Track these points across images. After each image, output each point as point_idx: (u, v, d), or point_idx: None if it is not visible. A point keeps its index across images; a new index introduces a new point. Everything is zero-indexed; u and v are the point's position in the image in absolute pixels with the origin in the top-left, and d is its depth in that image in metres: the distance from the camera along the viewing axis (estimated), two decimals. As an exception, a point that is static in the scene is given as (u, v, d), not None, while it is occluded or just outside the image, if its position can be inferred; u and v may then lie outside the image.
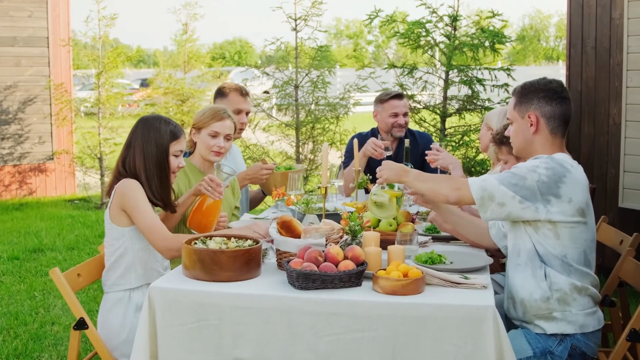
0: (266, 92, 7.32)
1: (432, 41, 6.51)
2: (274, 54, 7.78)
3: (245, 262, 2.65)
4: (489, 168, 6.36)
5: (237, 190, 3.93)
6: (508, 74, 6.35)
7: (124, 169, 3.05)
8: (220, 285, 2.59)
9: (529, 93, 2.82)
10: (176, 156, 3.12)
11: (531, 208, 2.63)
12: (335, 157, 7.45)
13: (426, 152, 4.17)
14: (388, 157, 4.46)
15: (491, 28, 6.38)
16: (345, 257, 2.63)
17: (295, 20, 7.17)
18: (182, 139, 3.13)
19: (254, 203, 4.60)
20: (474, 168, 6.29)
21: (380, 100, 4.74)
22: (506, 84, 6.41)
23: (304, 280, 2.53)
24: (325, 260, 2.60)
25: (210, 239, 2.81)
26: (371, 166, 4.56)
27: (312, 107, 7.25)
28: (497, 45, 6.33)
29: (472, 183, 2.70)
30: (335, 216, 3.59)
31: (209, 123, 3.68)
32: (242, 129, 4.35)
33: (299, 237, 2.79)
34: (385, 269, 2.60)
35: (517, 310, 2.79)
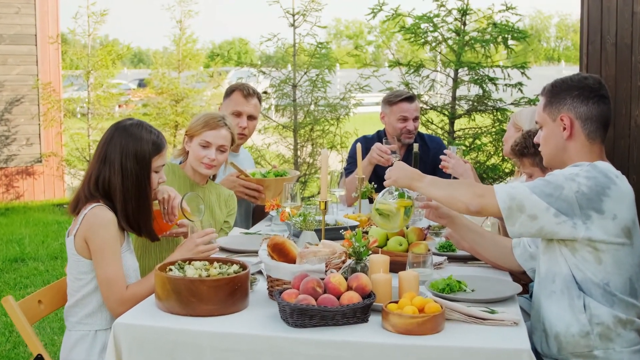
0: (265, 92, 6.88)
1: (440, 37, 6.08)
2: (273, 54, 7.39)
3: (229, 293, 2.23)
4: (501, 175, 5.94)
5: (230, 202, 3.46)
6: (522, 72, 5.92)
7: (96, 188, 2.57)
8: (199, 321, 2.17)
9: (560, 92, 2.39)
10: (157, 172, 2.66)
11: (568, 223, 2.22)
12: (335, 161, 7.02)
13: (441, 156, 3.73)
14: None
15: (504, 23, 5.94)
16: (349, 288, 2.20)
17: (293, 15, 6.77)
18: (165, 151, 2.68)
19: (259, 215, 4.07)
20: (485, 174, 5.86)
21: (389, 102, 4.30)
22: (520, 83, 5.98)
23: (299, 316, 2.10)
24: (325, 292, 2.18)
25: (189, 264, 2.39)
26: (378, 173, 4.13)
27: (312, 107, 6.82)
28: (510, 42, 5.89)
29: (499, 190, 2.29)
30: (335, 231, 3.16)
31: (200, 131, 3.26)
32: (242, 136, 3.85)
33: (294, 262, 2.36)
34: (396, 302, 2.18)
35: (550, 346, 2.36)
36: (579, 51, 5.56)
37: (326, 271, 2.29)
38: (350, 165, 4.26)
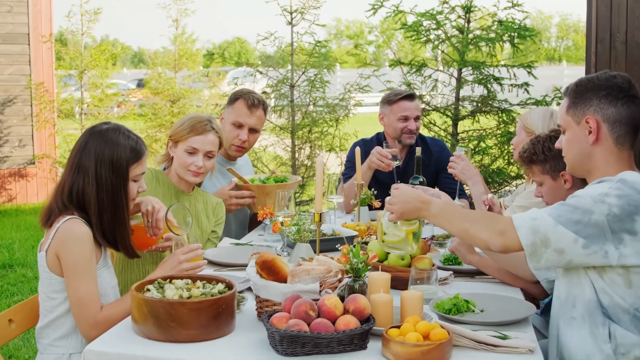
0: (264, 92, 6.65)
1: (443, 35, 5.84)
2: (273, 54, 7.15)
3: (213, 316, 2.01)
4: (507, 179, 5.71)
5: (217, 211, 3.23)
6: (529, 72, 5.68)
7: (70, 199, 2.34)
8: (179, 348, 1.96)
9: (586, 91, 2.15)
10: (136, 181, 2.44)
11: (599, 254, 1.99)
12: (334, 164, 6.80)
13: (451, 158, 3.50)
14: (397, 168, 3.80)
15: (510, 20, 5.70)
16: (346, 311, 1.98)
17: (291, 13, 6.54)
18: (144, 158, 2.45)
19: (256, 222, 3.80)
20: (490, 178, 5.63)
21: (388, 101, 4.06)
22: (526, 83, 5.74)
23: (290, 344, 1.88)
24: (318, 315, 1.96)
25: (170, 282, 2.17)
26: (377, 178, 3.91)
27: (310, 107, 6.59)
28: (517, 40, 5.65)
29: (520, 223, 2.05)
30: (332, 241, 2.95)
31: (186, 137, 3.04)
32: (240, 149, 3.57)
33: (285, 280, 2.14)
34: (398, 326, 1.96)
35: None
36: (580, 51, 5.37)
37: (320, 291, 2.07)
38: (349, 170, 4.03)
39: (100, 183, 2.32)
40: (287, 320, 1.93)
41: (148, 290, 2.10)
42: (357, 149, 3.51)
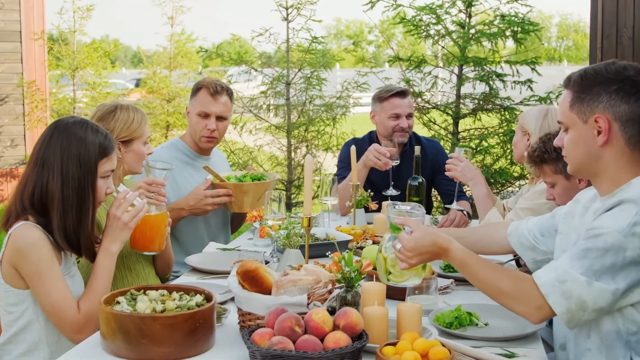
0: (263, 92, 6.46)
1: (443, 30, 5.64)
2: (274, 54, 6.95)
3: (189, 332, 1.82)
4: (510, 179, 5.51)
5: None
6: (532, 68, 5.48)
7: (31, 199, 2.14)
8: (151, 368, 1.76)
9: (594, 85, 1.88)
10: (104, 178, 2.24)
11: (637, 294, 1.77)
12: (332, 164, 6.60)
13: (448, 160, 3.32)
14: (392, 168, 3.59)
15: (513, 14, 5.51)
16: (336, 327, 1.79)
17: (287, 9, 6.34)
18: (114, 154, 2.26)
19: (237, 222, 3.61)
20: (493, 178, 5.43)
21: (379, 98, 3.86)
22: (530, 80, 5.55)
23: (273, 364, 1.69)
24: (305, 332, 1.76)
25: (144, 293, 1.97)
26: (372, 180, 3.72)
27: (307, 106, 6.39)
28: (520, 36, 5.45)
29: (548, 290, 1.78)
30: (324, 247, 2.76)
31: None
32: (211, 139, 3.37)
33: (270, 292, 1.94)
34: (394, 343, 1.77)
35: None
36: (580, 51, 5.20)
37: (309, 304, 1.87)
38: (342, 170, 3.83)
39: (67, 179, 2.13)
40: (270, 337, 1.74)
41: (118, 302, 1.90)
42: (353, 147, 3.32)
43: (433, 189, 4.02)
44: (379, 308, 1.91)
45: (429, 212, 3.78)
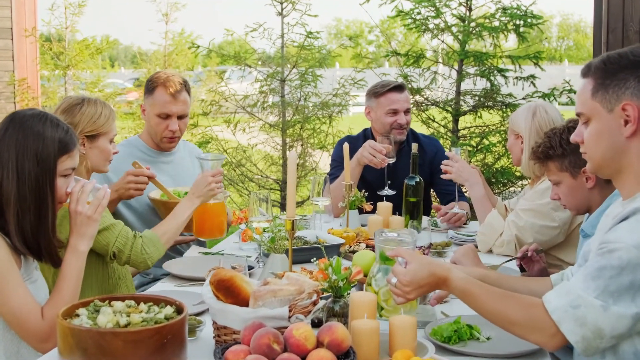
0: (263, 92, 6.27)
1: (442, 24, 5.45)
2: (273, 54, 6.76)
3: (155, 349, 1.61)
4: (511, 179, 5.32)
5: None
6: (535, 63, 5.29)
7: None
8: (111, 390, 1.56)
9: (619, 70, 1.69)
10: (65, 176, 2.06)
11: None
12: (327, 162, 6.41)
13: (443, 162, 3.14)
14: (387, 166, 3.40)
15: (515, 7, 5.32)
16: (320, 343, 1.59)
17: (281, 3, 6.15)
18: (75, 150, 2.08)
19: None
20: (494, 178, 5.24)
21: (375, 94, 3.66)
22: (532, 76, 5.36)
23: (247, 386, 1.50)
24: (285, 350, 1.57)
25: (109, 304, 1.77)
26: (366, 179, 3.52)
27: (302, 103, 6.20)
28: (523, 29, 5.26)
29: (561, 317, 1.59)
30: (311, 251, 2.56)
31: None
32: (173, 139, 3.17)
33: (247, 303, 1.75)
34: (385, 363, 1.57)
35: None
36: (581, 50, 5.03)
37: (290, 317, 1.68)
38: (335, 170, 3.62)
39: (23, 177, 1.96)
40: (245, 356, 1.55)
41: (77, 315, 1.71)
42: (346, 145, 3.13)
43: (431, 189, 3.83)
44: (369, 321, 1.72)
45: (427, 213, 3.59)
